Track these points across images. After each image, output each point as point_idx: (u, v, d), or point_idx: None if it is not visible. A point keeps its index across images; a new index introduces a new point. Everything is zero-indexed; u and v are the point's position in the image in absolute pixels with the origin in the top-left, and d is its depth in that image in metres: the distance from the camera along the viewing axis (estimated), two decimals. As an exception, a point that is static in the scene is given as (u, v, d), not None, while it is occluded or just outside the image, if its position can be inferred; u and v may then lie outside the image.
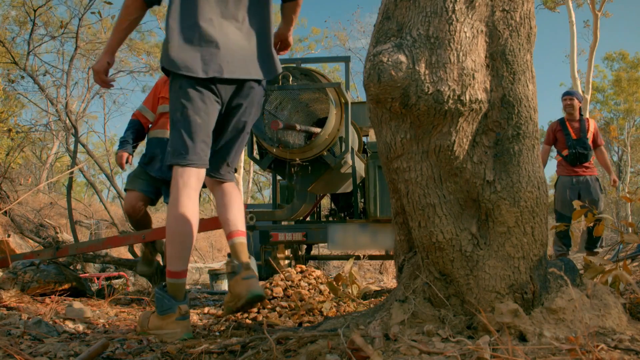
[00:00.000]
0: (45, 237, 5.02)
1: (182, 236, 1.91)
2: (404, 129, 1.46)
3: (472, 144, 1.44)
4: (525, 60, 1.47)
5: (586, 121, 5.31)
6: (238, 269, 1.95)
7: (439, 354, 1.19)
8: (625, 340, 1.30)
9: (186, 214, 1.90)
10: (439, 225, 1.43)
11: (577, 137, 5.19)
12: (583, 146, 5.16)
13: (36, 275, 3.25)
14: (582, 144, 5.17)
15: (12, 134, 7.61)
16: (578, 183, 5.18)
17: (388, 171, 1.56)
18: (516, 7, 1.46)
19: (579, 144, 5.17)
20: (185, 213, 1.90)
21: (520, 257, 1.42)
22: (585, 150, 5.18)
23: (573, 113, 5.27)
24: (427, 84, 1.37)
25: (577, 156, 5.12)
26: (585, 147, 5.17)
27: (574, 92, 5.41)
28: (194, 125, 1.97)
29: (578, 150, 5.15)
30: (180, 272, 1.92)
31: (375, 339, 1.33)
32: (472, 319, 1.41)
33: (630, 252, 5.20)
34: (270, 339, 1.33)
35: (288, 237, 3.99)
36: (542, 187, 1.45)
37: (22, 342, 1.68)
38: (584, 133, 5.20)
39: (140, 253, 3.96)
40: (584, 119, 5.30)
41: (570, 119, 5.31)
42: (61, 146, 17.91)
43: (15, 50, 9.04)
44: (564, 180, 5.26)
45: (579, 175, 5.18)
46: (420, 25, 1.41)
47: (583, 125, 5.24)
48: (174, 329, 1.86)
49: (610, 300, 1.48)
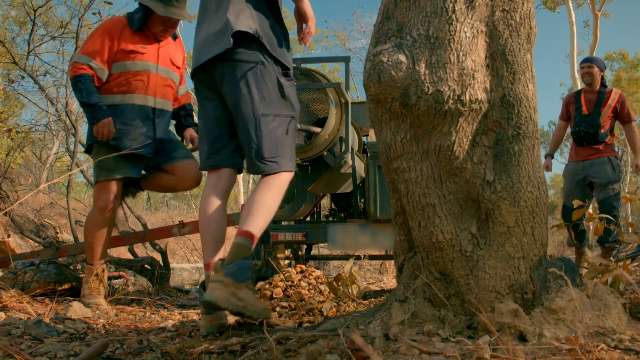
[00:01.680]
0: (45, 237, 5.02)
1: (201, 230, 2.06)
2: (404, 129, 1.46)
3: (472, 144, 1.44)
4: (525, 60, 1.47)
5: (607, 93, 4.36)
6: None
7: (439, 354, 1.19)
8: (625, 340, 1.30)
9: (202, 210, 2.06)
10: (439, 225, 1.43)
11: (589, 112, 4.34)
12: (590, 123, 4.27)
13: (36, 275, 3.25)
14: (590, 120, 4.29)
15: (12, 134, 7.61)
16: (584, 169, 4.34)
17: (388, 171, 1.56)
18: (516, 7, 1.46)
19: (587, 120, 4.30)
20: (201, 209, 2.07)
21: (520, 257, 1.42)
22: (592, 128, 4.26)
23: (592, 83, 4.40)
24: (427, 84, 1.37)
25: (582, 135, 4.29)
26: (593, 124, 4.26)
27: (594, 59, 4.48)
28: (199, 131, 2.17)
29: (582, 128, 4.29)
30: (205, 264, 2.02)
31: (375, 339, 1.33)
32: (472, 319, 1.41)
33: (630, 252, 5.20)
34: (270, 339, 1.33)
35: (288, 237, 3.98)
36: (542, 187, 1.45)
37: (22, 342, 1.68)
38: (598, 107, 4.29)
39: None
40: (604, 90, 4.38)
41: (588, 90, 4.44)
42: (61, 146, 17.93)
43: (15, 50, 9.05)
44: (569, 167, 4.48)
45: (585, 159, 4.35)
46: (420, 25, 1.41)
47: (600, 97, 4.32)
48: (200, 323, 1.90)
49: (610, 300, 1.48)
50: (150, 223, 10.50)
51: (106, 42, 2.88)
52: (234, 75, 1.98)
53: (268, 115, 1.98)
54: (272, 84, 2.00)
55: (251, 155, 2.00)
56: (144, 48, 2.97)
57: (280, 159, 2.01)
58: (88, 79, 2.83)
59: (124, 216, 6.01)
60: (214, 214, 2.05)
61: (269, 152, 1.98)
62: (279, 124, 2.02)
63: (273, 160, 1.99)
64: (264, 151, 1.97)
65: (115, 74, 2.92)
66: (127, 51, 2.91)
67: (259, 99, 1.96)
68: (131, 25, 2.95)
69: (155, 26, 2.97)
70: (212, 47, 1.99)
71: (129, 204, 5.46)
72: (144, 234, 3.98)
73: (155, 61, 3.01)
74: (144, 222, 4.97)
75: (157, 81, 3.02)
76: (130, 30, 2.95)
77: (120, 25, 2.94)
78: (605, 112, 4.27)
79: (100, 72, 2.88)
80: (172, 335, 1.90)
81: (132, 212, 5.32)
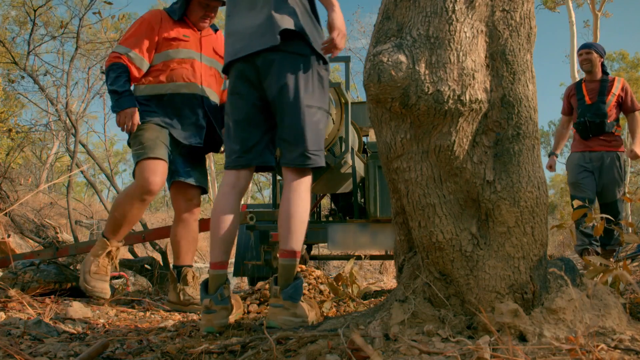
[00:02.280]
0: (45, 237, 5.02)
1: (213, 229, 2.02)
2: (404, 129, 1.46)
3: (472, 144, 1.44)
4: (525, 60, 1.47)
5: (610, 81, 4.14)
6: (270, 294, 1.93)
7: (439, 354, 1.19)
8: (625, 340, 1.30)
9: (217, 209, 2.03)
10: (439, 225, 1.43)
11: (592, 102, 4.10)
12: (596, 112, 4.04)
13: (36, 275, 3.25)
14: (595, 110, 4.05)
15: (12, 134, 7.61)
16: (591, 160, 4.10)
17: (388, 171, 1.56)
18: (516, 7, 1.46)
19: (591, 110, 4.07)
20: (217, 207, 2.03)
21: (520, 257, 1.42)
22: (597, 117, 4.03)
23: (592, 70, 4.18)
24: (427, 84, 1.37)
25: (587, 126, 4.04)
26: (598, 114, 4.03)
27: (593, 44, 4.27)
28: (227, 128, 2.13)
29: (587, 118, 4.05)
30: (212, 263, 1.99)
31: (375, 339, 1.33)
32: (472, 319, 1.41)
33: (630, 252, 5.18)
34: (270, 339, 1.33)
35: (288, 237, 3.97)
36: (542, 187, 1.45)
37: (22, 342, 1.68)
38: (602, 96, 4.06)
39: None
40: (606, 79, 4.15)
41: (589, 79, 4.20)
42: (61, 146, 17.92)
43: (15, 50, 9.04)
44: (573, 157, 4.22)
45: (592, 150, 4.11)
46: (420, 25, 1.41)
47: (603, 86, 4.09)
48: (201, 322, 1.91)
49: (610, 300, 1.48)
50: (150, 223, 10.50)
51: (146, 32, 2.82)
52: (281, 65, 1.95)
53: (312, 107, 1.97)
54: (317, 77, 2.00)
55: (293, 148, 1.96)
56: (186, 37, 2.90)
57: (321, 152, 2.01)
58: (120, 68, 2.74)
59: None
60: (230, 214, 2.02)
61: (313, 144, 1.97)
62: (321, 116, 2.02)
63: (316, 153, 1.98)
64: (308, 144, 1.96)
65: (159, 63, 2.84)
66: (170, 39, 2.84)
67: (304, 91, 1.95)
68: (171, 15, 2.91)
69: (195, 14, 2.93)
70: (259, 39, 1.96)
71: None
72: (144, 234, 3.98)
73: (198, 50, 2.93)
74: (144, 222, 4.98)
75: (203, 70, 2.93)
76: (171, 20, 2.90)
77: (160, 15, 2.90)
78: (610, 100, 4.04)
79: (139, 62, 2.80)
80: (172, 335, 1.90)
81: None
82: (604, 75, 4.17)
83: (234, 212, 2.03)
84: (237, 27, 2.07)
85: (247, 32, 2.01)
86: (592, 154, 4.12)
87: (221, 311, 1.90)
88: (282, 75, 1.95)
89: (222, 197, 2.06)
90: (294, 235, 1.91)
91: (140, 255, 4.93)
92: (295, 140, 1.96)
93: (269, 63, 1.97)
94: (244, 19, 2.06)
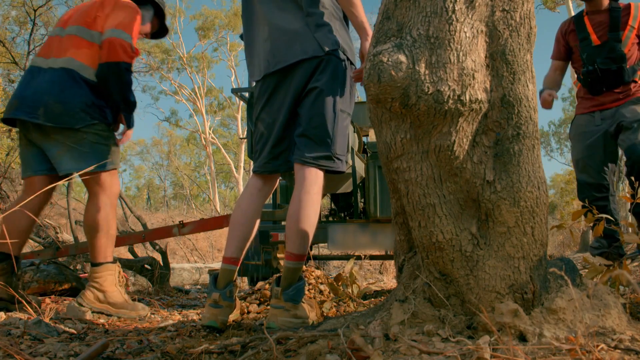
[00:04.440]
0: (45, 237, 5.02)
1: (233, 225, 2.06)
2: (404, 129, 1.46)
3: (472, 144, 1.44)
4: (525, 60, 1.47)
5: (622, 9, 2.89)
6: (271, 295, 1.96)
7: (439, 354, 1.19)
8: (625, 340, 1.30)
9: (241, 207, 2.08)
10: (439, 225, 1.43)
11: (602, 41, 2.88)
12: (609, 56, 2.82)
13: (36, 275, 3.25)
14: (607, 52, 2.83)
15: (12, 134, 7.61)
16: (603, 121, 2.94)
17: (388, 171, 1.56)
18: (516, 7, 1.46)
19: (602, 53, 2.85)
20: (241, 206, 2.09)
21: (520, 257, 1.42)
22: (613, 63, 2.80)
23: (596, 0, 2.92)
24: (427, 84, 1.37)
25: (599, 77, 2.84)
26: (613, 58, 2.80)
27: None
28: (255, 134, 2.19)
29: (598, 65, 2.84)
30: (225, 258, 2.01)
31: (375, 339, 1.33)
32: (472, 319, 1.41)
33: (630, 252, 5.18)
34: (270, 339, 1.33)
35: (288, 237, 3.97)
36: (542, 187, 1.45)
37: (22, 342, 1.68)
38: (614, 32, 2.83)
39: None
40: (617, 6, 2.90)
41: (593, 10, 2.96)
42: (61, 146, 17.87)
43: (15, 50, 9.05)
44: (579, 122, 3.07)
45: (604, 108, 2.94)
46: (420, 25, 1.41)
47: (615, 17, 2.85)
48: (205, 314, 1.91)
49: (610, 300, 1.48)
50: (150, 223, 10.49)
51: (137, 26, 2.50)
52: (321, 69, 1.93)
53: (344, 112, 1.98)
54: (350, 83, 2.01)
55: (317, 147, 1.94)
56: None
57: (344, 158, 2.02)
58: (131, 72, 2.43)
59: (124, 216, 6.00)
60: (252, 215, 2.08)
61: (341, 148, 1.98)
62: (348, 123, 2.04)
63: (341, 158, 1.99)
64: (336, 147, 1.96)
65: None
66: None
67: (339, 96, 1.95)
68: None
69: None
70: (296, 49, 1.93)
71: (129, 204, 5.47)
72: (144, 234, 3.98)
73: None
74: (144, 222, 4.97)
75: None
76: None
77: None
78: (628, 36, 2.84)
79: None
80: (172, 335, 1.90)
81: (132, 212, 5.32)
82: (612, 3, 2.95)
83: (256, 213, 2.10)
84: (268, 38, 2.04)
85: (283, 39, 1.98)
86: (604, 112, 2.95)
87: (227, 308, 1.94)
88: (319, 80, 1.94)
89: (248, 197, 2.11)
90: (303, 239, 1.91)
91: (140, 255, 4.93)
92: (320, 140, 1.94)
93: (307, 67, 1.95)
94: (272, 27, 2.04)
